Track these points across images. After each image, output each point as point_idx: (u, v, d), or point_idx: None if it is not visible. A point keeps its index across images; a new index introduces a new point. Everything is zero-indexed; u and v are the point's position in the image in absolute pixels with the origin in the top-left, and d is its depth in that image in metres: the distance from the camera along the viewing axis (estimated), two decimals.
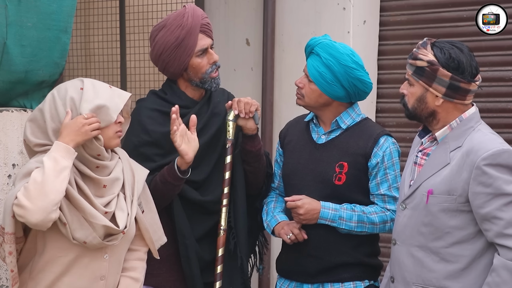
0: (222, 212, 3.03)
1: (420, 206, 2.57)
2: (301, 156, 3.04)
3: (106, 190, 2.61)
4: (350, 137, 3.00)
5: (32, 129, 2.57)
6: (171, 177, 2.87)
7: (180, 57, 2.96)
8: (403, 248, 2.63)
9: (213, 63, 3.02)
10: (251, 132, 3.03)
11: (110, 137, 2.62)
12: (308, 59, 3.01)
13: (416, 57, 2.55)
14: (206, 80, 3.01)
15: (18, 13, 3.04)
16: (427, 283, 2.55)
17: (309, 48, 3.01)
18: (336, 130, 3.03)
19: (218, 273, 3.03)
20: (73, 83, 2.60)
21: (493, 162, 2.41)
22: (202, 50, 2.98)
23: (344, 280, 3.00)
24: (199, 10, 3.02)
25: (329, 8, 4.52)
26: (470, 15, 4.31)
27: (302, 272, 3.03)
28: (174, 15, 2.98)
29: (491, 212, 2.41)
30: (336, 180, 2.94)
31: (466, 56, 2.51)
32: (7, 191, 2.94)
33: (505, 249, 2.40)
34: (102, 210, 2.56)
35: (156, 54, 3.00)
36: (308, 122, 3.11)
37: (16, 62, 3.09)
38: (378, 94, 4.67)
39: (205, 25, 3.00)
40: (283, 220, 3.05)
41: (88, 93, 2.55)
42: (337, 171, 2.94)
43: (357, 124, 3.03)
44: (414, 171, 2.66)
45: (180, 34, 2.93)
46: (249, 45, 4.86)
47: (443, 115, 2.57)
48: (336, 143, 3.00)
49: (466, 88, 2.51)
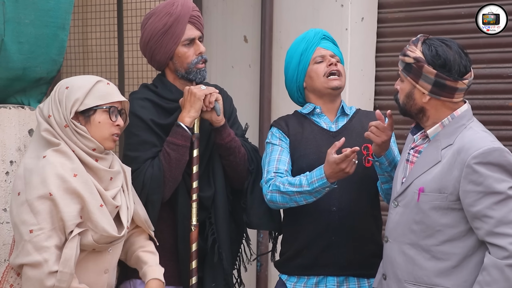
0: (193, 207, 3.00)
1: (411, 203, 2.57)
2: (320, 145, 3.00)
3: (111, 183, 2.62)
4: (361, 121, 3.07)
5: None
6: (182, 139, 2.92)
7: (167, 45, 2.98)
8: (395, 245, 2.63)
9: (199, 54, 3.03)
10: (217, 124, 3.02)
11: (105, 137, 2.62)
12: (325, 44, 3.10)
13: (405, 53, 2.56)
14: (192, 70, 3.03)
15: (16, 10, 3.04)
16: (418, 281, 2.55)
17: (319, 34, 3.11)
18: (342, 117, 3.09)
19: (193, 269, 3.00)
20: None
21: (484, 160, 2.41)
22: (189, 39, 3.00)
23: (370, 276, 2.98)
24: (190, 2, 3.05)
25: (327, 5, 4.52)
26: (468, 12, 4.31)
27: (330, 264, 2.98)
28: (164, 3, 3.03)
29: (482, 211, 2.41)
30: (366, 163, 2.91)
31: (454, 54, 2.50)
32: (4, 188, 2.94)
33: (495, 248, 2.40)
34: (113, 204, 2.58)
35: (144, 42, 3.05)
36: (305, 115, 3.10)
37: (14, 59, 3.08)
38: (376, 91, 4.67)
39: (195, 17, 3.03)
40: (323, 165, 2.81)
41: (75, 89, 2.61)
42: (365, 153, 2.91)
43: (357, 113, 3.12)
44: (406, 168, 2.66)
45: (168, 21, 2.97)
46: (247, 42, 4.86)
47: (432, 112, 2.57)
48: (351, 128, 3.05)
49: (453, 86, 2.50)
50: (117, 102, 2.66)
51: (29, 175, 2.51)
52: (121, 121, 2.66)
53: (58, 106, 2.58)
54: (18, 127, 3.04)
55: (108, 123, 2.62)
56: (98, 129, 2.60)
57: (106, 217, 2.56)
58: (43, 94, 3.33)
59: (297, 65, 3.08)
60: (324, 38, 3.12)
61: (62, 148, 2.55)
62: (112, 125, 2.62)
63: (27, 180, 2.51)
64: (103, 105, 2.60)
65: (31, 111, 3.12)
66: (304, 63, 3.07)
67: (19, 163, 3.01)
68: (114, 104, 2.64)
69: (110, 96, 2.63)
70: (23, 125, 3.07)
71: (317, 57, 3.06)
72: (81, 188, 2.51)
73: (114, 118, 2.63)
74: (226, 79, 4.91)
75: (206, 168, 3.10)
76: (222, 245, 3.08)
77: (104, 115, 2.61)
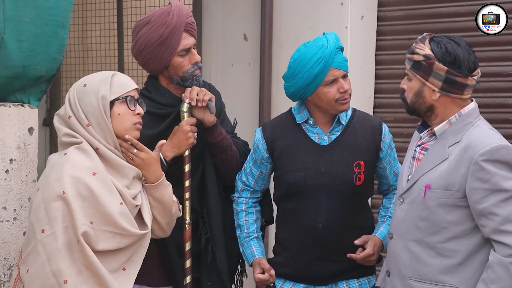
0: (186, 205, 2.98)
1: (417, 200, 2.57)
2: (308, 161, 2.94)
3: (134, 182, 2.61)
4: (355, 133, 2.97)
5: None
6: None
7: (162, 55, 2.94)
8: (399, 242, 2.63)
9: (194, 64, 2.99)
10: (209, 124, 3.00)
11: (128, 128, 2.62)
12: (338, 60, 2.88)
13: (413, 51, 2.56)
14: (188, 78, 2.99)
15: (15, 8, 3.03)
16: (423, 278, 2.55)
17: (335, 50, 2.87)
18: (336, 127, 2.98)
19: (187, 268, 2.99)
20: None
21: (491, 158, 2.41)
22: (185, 49, 2.96)
23: (359, 276, 3.00)
24: (184, 9, 2.99)
25: (326, 3, 4.51)
26: (468, 10, 4.30)
27: (316, 276, 2.99)
28: (159, 12, 2.96)
29: (488, 208, 2.41)
30: (356, 181, 2.92)
31: (464, 51, 2.51)
32: (4, 186, 2.94)
33: (501, 245, 2.40)
34: (132, 204, 2.57)
35: (138, 50, 2.99)
36: (299, 125, 3.01)
37: (14, 57, 3.08)
38: (376, 89, 4.66)
39: (190, 24, 2.98)
40: (259, 256, 3.06)
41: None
42: (356, 171, 2.92)
43: (353, 118, 3.01)
44: (412, 165, 2.66)
45: (164, 32, 2.91)
46: (246, 40, 4.85)
47: (441, 110, 2.57)
48: (344, 142, 2.95)
49: (463, 83, 2.51)
50: (133, 90, 2.65)
51: (49, 171, 2.53)
52: (141, 109, 2.65)
53: (78, 105, 2.58)
54: (18, 125, 3.03)
55: (128, 113, 2.61)
56: (119, 121, 2.59)
57: (125, 215, 2.53)
58: (43, 92, 3.32)
59: (307, 84, 2.87)
60: (337, 51, 2.90)
61: (84, 146, 2.54)
62: (133, 114, 2.62)
63: (46, 176, 2.52)
64: (120, 97, 2.60)
65: (31, 109, 3.12)
66: (315, 84, 2.87)
67: (19, 161, 3.01)
68: (130, 93, 2.64)
69: (125, 86, 2.63)
70: (23, 123, 3.07)
71: (330, 78, 2.86)
72: (99, 188, 2.49)
73: (133, 107, 2.63)
74: (226, 77, 4.90)
75: (197, 166, 3.08)
76: (216, 244, 3.07)
77: (123, 106, 2.61)
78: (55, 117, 2.66)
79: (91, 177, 2.49)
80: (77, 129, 2.58)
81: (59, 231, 2.43)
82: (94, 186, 2.48)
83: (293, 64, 2.91)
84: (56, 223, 2.44)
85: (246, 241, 3.11)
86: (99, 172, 2.52)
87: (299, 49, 2.93)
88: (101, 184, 2.50)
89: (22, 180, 3.01)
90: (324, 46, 2.85)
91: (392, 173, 3.07)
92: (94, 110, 2.57)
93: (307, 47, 2.89)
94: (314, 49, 2.86)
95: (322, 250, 2.95)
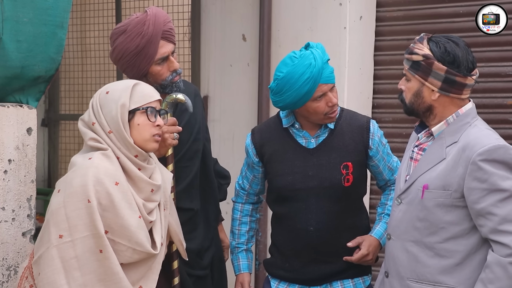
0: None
1: (415, 201, 2.57)
2: (295, 165, 2.95)
3: (152, 195, 2.57)
4: (342, 134, 2.97)
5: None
6: None
7: (140, 65, 2.91)
8: (397, 243, 2.63)
9: (173, 71, 2.96)
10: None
11: (147, 139, 2.57)
12: (326, 72, 2.86)
13: (412, 52, 2.56)
14: (167, 85, 2.96)
15: (14, 8, 3.03)
16: (421, 278, 2.55)
17: (323, 65, 2.85)
18: (324, 130, 2.98)
19: (175, 269, 2.94)
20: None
21: (489, 157, 2.42)
22: (162, 58, 2.92)
23: (353, 276, 3.01)
24: (161, 16, 2.94)
25: (325, 4, 4.51)
26: (466, 11, 4.31)
27: (311, 278, 3.00)
28: (135, 22, 2.92)
29: (486, 208, 2.41)
30: (345, 182, 2.92)
31: (462, 50, 2.51)
32: (2, 187, 2.94)
33: (499, 245, 2.40)
34: (147, 219, 2.53)
35: (115, 58, 2.97)
36: (286, 128, 3.00)
37: (12, 57, 3.07)
38: (375, 89, 4.67)
39: (167, 31, 2.93)
40: (244, 271, 3.15)
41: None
42: (344, 173, 2.92)
43: (340, 119, 3.00)
44: (410, 166, 2.67)
45: (140, 42, 2.87)
46: (245, 40, 4.86)
47: (440, 110, 2.57)
48: (331, 144, 2.96)
49: (462, 82, 2.51)
50: (155, 101, 2.61)
51: (72, 174, 2.49)
52: (161, 121, 2.60)
53: (100, 112, 2.55)
54: (16, 125, 3.03)
55: (148, 124, 2.57)
56: (138, 132, 2.55)
57: (143, 229, 2.50)
58: (41, 93, 3.32)
59: (296, 101, 2.85)
60: (325, 65, 2.87)
61: (109, 153, 2.51)
62: (152, 126, 2.57)
63: (69, 179, 2.48)
64: (140, 107, 2.56)
65: (30, 110, 3.12)
66: (304, 100, 2.84)
67: (17, 161, 3.01)
68: (152, 104, 2.60)
69: (147, 96, 2.59)
70: (21, 123, 3.06)
71: (318, 94, 2.85)
72: (120, 199, 2.46)
73: (153, 119, 2.58)
74: (224, 77, 4.91)
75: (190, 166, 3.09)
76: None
77: (143, 117, 2.57)
78: (79, 122, 2.63)
79: (114, 187, 2.45)
80: (101, 136, 2.55)
81: (78, 240, 2.41)
82: (115, 197, 2.44)
83: (281, 81, 2.86)
84: (76, 231, 2.41)
85: (235, 251, 3.20)
86: (121, 183, 2.48)
87: (286, 64, 2.88)
88: (122, 195, 2.47)
89: (21, 181, 3.01)
90: (312, 65, 2.81)
91: (386, 169, 3.07)
92: (113, 118, 2.53)
93: (295, 66, 2.84)
94: (302, 68, 2.82)
95: (315, 252, 2.96)
